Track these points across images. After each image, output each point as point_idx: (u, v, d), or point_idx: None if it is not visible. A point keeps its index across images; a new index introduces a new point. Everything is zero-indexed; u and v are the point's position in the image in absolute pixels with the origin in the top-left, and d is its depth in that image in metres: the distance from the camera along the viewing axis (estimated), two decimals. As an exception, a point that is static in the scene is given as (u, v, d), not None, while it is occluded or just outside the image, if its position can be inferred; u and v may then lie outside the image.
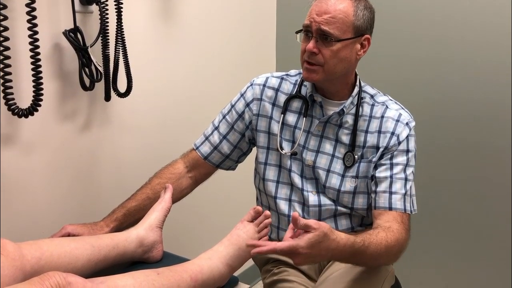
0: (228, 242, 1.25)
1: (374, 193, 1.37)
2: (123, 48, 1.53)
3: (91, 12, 1.49)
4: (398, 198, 1.34)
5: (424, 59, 2.03)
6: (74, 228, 1.31)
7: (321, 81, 1.34)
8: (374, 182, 1.37)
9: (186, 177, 1.50)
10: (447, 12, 1.95)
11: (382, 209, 1.34)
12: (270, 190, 1.46)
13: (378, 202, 1.36)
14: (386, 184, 1.35)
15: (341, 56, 1.30)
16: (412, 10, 2.02)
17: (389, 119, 1.38)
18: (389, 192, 1.35)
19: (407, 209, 1.35)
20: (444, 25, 1.97)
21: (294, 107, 1.44)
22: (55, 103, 1.45)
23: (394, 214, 1.33)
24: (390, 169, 1.36)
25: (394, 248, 1.23)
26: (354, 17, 1.28)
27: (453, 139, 2.03)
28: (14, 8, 1.27)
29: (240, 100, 1.49)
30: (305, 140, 1.42)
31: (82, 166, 1.57)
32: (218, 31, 2.04)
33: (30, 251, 1.05)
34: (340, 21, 1.27)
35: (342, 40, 1.28)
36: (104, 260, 1.18)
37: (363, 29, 1.31)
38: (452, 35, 1.96)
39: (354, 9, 1.28)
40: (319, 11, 1.28)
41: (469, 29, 1.92)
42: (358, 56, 1.34)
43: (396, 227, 1.28)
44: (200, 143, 1.52)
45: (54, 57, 1.42)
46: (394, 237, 1.24)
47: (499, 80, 1.90)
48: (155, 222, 1.32)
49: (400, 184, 1.35)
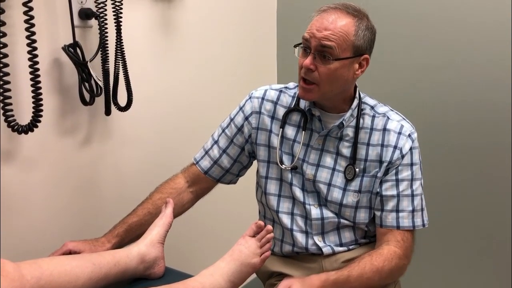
0: (230, 258, 1.24)
1: (381, 211, 1.36)
2: (122, 62, 1.53)
3: (90, 27, 1.49)
4: (405, 216, 1.34)
5: (424, 63, 2.02)
6: (75, 245, 1.30)
7: (316, 99, 1.34)
8: (380, 200, 1.36)
9: (187, 191, 1.49)
10: (447, 14, 1.94)
11: (390, 228, 1.35)
12: (272, 204, 1.45)
13: (385, 221, 1.35)
14: (393, 203, 1.35)
15: (338, 75, 1.27)
16: (412, 13, 2.01)
17: (391, 131, 1.36)
18: (395, 211, 1.35)
19: (416, 225, 1.35)
20: (445, 28, 1.96)
21: (293, 121, 1.43)
22: (55, 118, 1.44)
23: (396, 233, 1.34)
24: (396, 187, 1.35)
25: (384, 269, 1.28)
26: (354, 37, 1.26)
27: (454, 142, 2.02)
28: (13, 24, 1.27)
29: (239, 113, 1.48)
30: (304, 154, 1.41)
31: (82, 181, 1.56)
32: (217, 42, 2.03)
33: (30, 270, 1.04)
34: (340, 39, 1.25)
35: (341, 59, 1.26)
36: (105, 278, 1.17)
37: (363, 49, 1.29)
38: (453, 38, 1.95)
39: (355, 28, 1.26)
40: (319, 26, 1.25)
41: (470, 31, 1.91)
42: (356, 76, 1.31)
43: (388, 248, 1.32)
44: (200, 157, 1.51)
45: (53, 73, 1.42)
46: (381, 257, 1.29)
47: (501, 82, 1.89)
48: (156, 238, 1.30)
49: (407, 202, 1.34)
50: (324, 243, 1.41)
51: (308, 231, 1.41)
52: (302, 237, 1.42)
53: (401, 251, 1.32)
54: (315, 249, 1.41)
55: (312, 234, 1.41)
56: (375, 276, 1.28)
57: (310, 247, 1.41)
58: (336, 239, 1.42)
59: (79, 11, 1.43)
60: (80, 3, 1.44)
